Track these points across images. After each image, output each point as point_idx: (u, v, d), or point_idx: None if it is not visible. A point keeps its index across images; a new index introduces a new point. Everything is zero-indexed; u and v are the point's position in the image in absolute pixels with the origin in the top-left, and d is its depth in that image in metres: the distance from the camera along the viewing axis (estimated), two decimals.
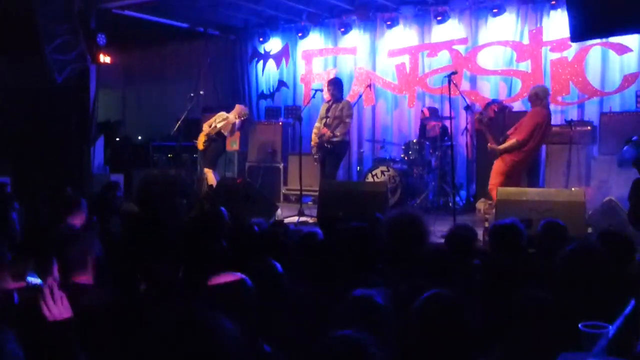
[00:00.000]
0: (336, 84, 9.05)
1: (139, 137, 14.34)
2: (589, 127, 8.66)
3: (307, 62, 11.95)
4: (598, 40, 9.04)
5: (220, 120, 9.44)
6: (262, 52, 12.44)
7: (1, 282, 3.11)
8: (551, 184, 8.36)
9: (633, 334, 2.33)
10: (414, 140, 9.56)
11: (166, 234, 4.61)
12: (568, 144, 8.18)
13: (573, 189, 6.78)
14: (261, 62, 12.48)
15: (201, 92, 10.23)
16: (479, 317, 2.81)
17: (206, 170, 9.32)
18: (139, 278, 3.16)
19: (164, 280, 3.09)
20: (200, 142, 9.44)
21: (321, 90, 9.09)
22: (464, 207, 9.07)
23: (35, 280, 3.04)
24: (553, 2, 9.36)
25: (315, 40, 11.84)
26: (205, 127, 9.53)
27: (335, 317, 2.47)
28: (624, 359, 2.25)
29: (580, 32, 5.38)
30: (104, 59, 10.02)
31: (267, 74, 12.43)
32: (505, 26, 10.03)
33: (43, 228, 4.94)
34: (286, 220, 7.54)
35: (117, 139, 13.42)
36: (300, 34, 11.81)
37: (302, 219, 8.13)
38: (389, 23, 10.88)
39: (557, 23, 9.38)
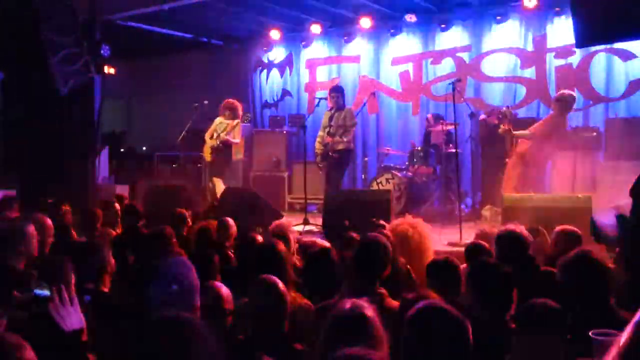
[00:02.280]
0: (339, 91, 9.04)
1: (144, 148, 14.37)
2: (594, 133, 8.63)
3: (311, 70, 11.97)
4: (602, 47, 9.02)
5: (222, 130, 9.28)
6: (266, 61, 12.46)
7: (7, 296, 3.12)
8: (557, 190, 8.32)
9: None
10: (419, 148, 9.53)
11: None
12: (574, 150, 8.15)
13: (580, 195, 6.73)
14: (265, 71, 12.50)
15: (205, 102, 10.23)
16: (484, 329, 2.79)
17: (215, 179, 9.24)
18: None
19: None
20: (207, 153, 9.35)
21: (325, 99, 9.08)
22: (469, 215, 9.03)
23: (43, 292, 3.02)
24: (557, 9, 9.36)
25: (318, 49, 11.86)
26: (208, 139, 9.38)
27: (324, 327, 2.44)
28: None
29: (586, 37, 5.36)
30: (109, 70, 10.04)
31: (271, 83, 12.46)
32: (509, 33, 10.03)
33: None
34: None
35: (122, 150, 13.46)
36: (304, 43, 11.84)
37: (307, 227, 8.12)
38: (392, 31, 10.90)
39: (562, 30, 9.36)
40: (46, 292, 2.64)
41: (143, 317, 2.39)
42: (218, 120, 9.41)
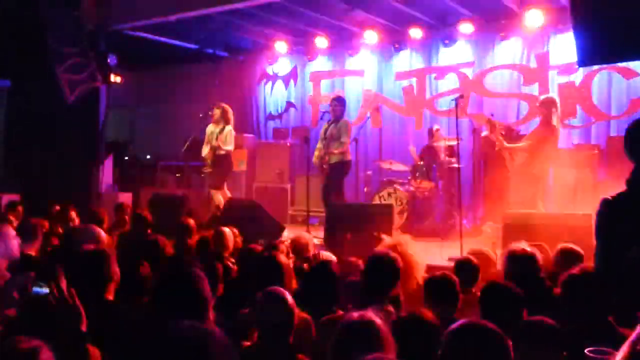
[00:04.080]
0: (340, 102, 9.05)
1: (148, 157, 14.42)
2: (596, 151, 8.65)
3: (315, 83, 12.03)
4: (605, 65, 9.06)
5: (215, 138, 9.27)
6: (271, 73, 12.53)
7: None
8: (558, 207, 8.32)
9: None
10: (421, 163, 9.56)
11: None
12: (575, 167, 8.17)
13: (580, 213, 6.75)
14: (270, 83, 12.58)
15: (210, 113, 10.28)
16: None
17: (212, 191, 9.28)
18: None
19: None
20: (208, 165, 9.37)
21: (329, 112, 9.11)
22: (471, 230, 9.04)
23: (42, 290, 3.05)
24: (560, 27, 9.41)
25: (323, 62, 11.93)
26: (204, 154, 9.36)
27: (332, 339, 2.47)
28: None
29: (588, 57, 5.40)
30: (115, 79, 10.13)
31: (275, 95, 12.52)
32: (512, 50, 10.09)
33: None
34: None
35: (126, 158, 13.50)
36: (308, 56, 11.90)
37: None
38: (396, 46, 10.96)
39: (564, 47, 9.41)
40: (45, 290, 2.69)
41: (152, 327, 2.42)
42: (209, 129, 9.38)
